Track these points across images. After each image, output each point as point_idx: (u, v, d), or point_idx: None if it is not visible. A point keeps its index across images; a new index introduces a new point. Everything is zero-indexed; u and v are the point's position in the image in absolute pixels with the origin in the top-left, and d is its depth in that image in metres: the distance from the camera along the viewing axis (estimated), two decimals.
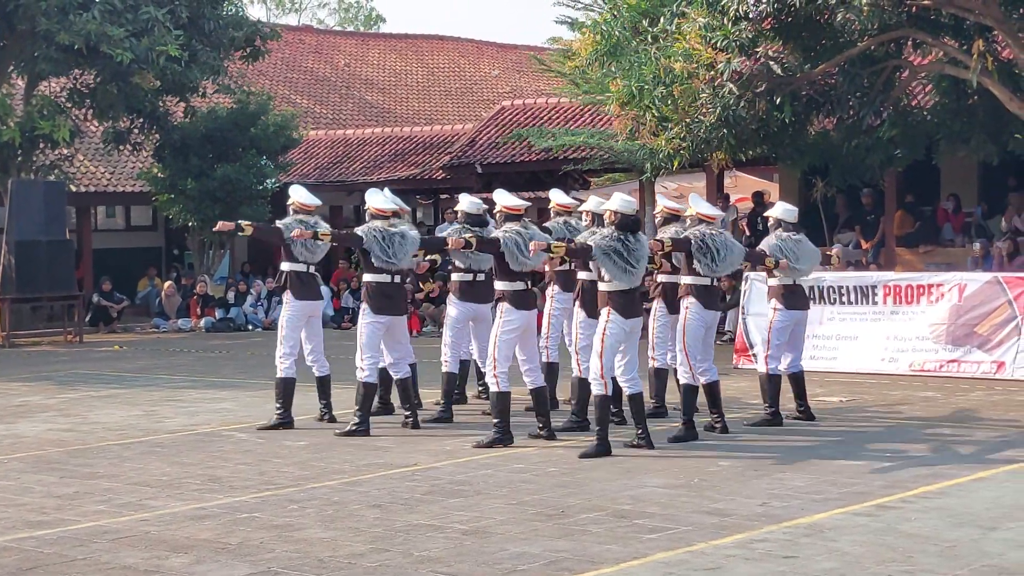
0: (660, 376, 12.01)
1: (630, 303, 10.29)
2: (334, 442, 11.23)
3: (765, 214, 12.52)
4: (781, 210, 12.06)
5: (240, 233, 12.34)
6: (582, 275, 11.27)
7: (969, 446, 10.52)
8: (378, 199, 11.78)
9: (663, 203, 12.07)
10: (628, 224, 10.29)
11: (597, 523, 7.91)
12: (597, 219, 11.51)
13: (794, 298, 11.78)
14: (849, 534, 7.52)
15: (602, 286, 10.34)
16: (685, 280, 11.08)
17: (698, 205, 11.30)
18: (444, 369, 12.21)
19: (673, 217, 11.81)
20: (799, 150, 17.96)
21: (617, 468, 9.70)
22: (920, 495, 8.59)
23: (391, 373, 11.97)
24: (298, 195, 12.34)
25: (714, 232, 11.03)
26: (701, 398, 11.25)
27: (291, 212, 12.30)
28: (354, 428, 11.43)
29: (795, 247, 11.67)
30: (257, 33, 26.22)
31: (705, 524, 7.83)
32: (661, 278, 11.56)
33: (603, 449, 10.11)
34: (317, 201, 12.48)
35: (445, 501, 8.66)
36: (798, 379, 11.90)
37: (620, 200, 10.42)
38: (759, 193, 23.26)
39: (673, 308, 11.42)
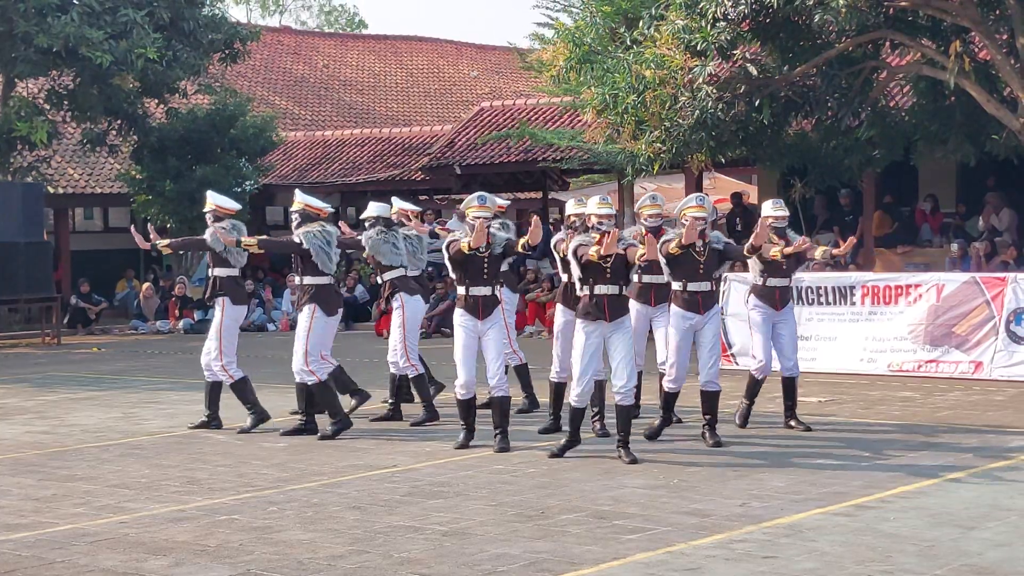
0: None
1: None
2: (313, 444, 11.21)
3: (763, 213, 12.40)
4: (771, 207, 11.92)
5: (158, 251, 12.28)
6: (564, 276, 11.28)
7: (948, 446, 10.55)
8: (310, 198, 11.75)
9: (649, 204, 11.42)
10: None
11: (577, 524, 7.91)
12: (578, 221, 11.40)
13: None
14: (828, 534, 7.54)
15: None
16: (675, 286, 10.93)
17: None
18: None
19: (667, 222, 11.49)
20: (778, 151, 18.00)
21: (596, 469, 9.70)
22: (899, 495, 8.62)
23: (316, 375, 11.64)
24: (217, 200, 12.25)
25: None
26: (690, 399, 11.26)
27: (210, 219, 12.05)
28: (302, 427, 11.56)
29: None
30: (237, 35, 26.17)
31: (685, 524, 7.84)
32: (646, 279, 11.43)
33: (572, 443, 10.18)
34: (236, 205, 12.45)
35: (425, 502, 8.66)
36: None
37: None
38: (738, 194, 23.32)
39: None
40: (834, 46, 16.31)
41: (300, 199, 11.81)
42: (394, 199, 13.44)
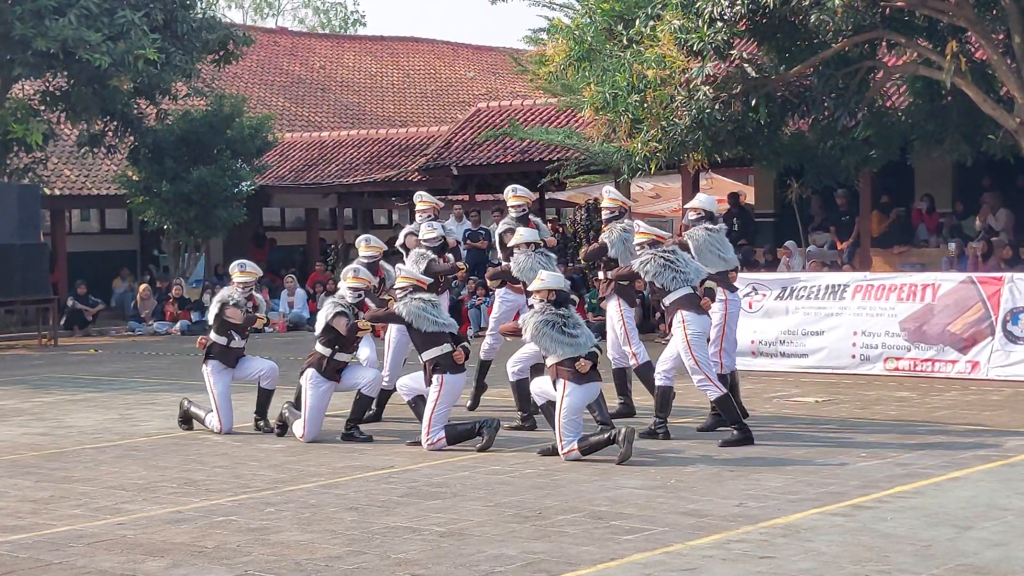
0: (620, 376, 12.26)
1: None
2: (310, 445, 11.21)
3: (686, 206, 12.44)
4: (706, 201, 11.92)
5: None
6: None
7: (944, 446, 10.56)
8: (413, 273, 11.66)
9: (644, 228, 11.39)
10: (562, 300, 10.40)
11: (574, 524, 7.92)
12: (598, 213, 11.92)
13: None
14: (825, 534, 7.55)
15: (550, 360, 10.30)
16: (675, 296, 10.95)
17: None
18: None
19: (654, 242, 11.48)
20: (774, 151, 18.00)
21: (593, 469, 9.71)
22: (896, 495, 8.63)
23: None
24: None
25: (664, 251, 10.98)
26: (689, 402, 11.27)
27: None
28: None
29: (722, 241, 11.59)
30: (230, 38, 26.15)
31: (682, 525, 7.84)
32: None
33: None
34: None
35: (422, 503, 8.66)
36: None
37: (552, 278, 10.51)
38: (735, 194, 23.33)
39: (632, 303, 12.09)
40: (830, 46, 16.31)
41: (406, 274, 11.42)
42: (422, 194, 13.51)
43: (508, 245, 12.25)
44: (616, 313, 12.07)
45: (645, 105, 16.42)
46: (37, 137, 23.53)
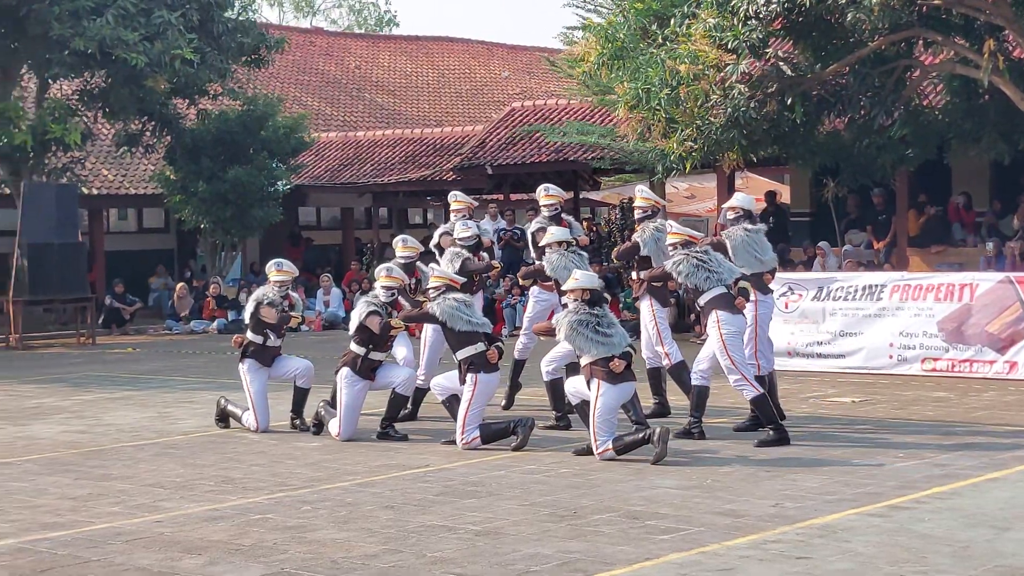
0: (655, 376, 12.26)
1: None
2: (346, 444, 11.25)
3: (725, 205, 12.40)
4: (744, 200, 11.85)
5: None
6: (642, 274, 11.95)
7: (982, 446, 10.50)
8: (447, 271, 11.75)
9: (677, 229, 11.36)
10: (596, 299, 10.39)
11: (610, 524, 7.92)
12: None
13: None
14: (862, 535, 7.52)
15: (584, 360, 10.29)
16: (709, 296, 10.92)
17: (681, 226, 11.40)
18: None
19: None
20: (810, 150, 17.94)
21: (629, 469, 9.70)
22: (933, 495, 8.59)
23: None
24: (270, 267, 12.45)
25: (695, 251, 10.97)
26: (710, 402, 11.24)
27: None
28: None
29: (760, 241, 11.53)
30: (263, 42, 26.26)
31: (718, 525, 7.83)
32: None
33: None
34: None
35: (458, 502, 8.68)
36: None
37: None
38: (772, 193, 23.26)
39: (666, 302, 12.11)
40: (867, 44, 16.24)
41: (439, 273, 11.47)
42: (457, 193, 13.58)
43: (540, 244, 12.28)
44: (648, 313, 12.06)
45: (678, 102, 16.38)
46: (75, 137, 23.69)
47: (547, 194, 12.84)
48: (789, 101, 16.23)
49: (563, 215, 12.82)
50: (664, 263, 11.27)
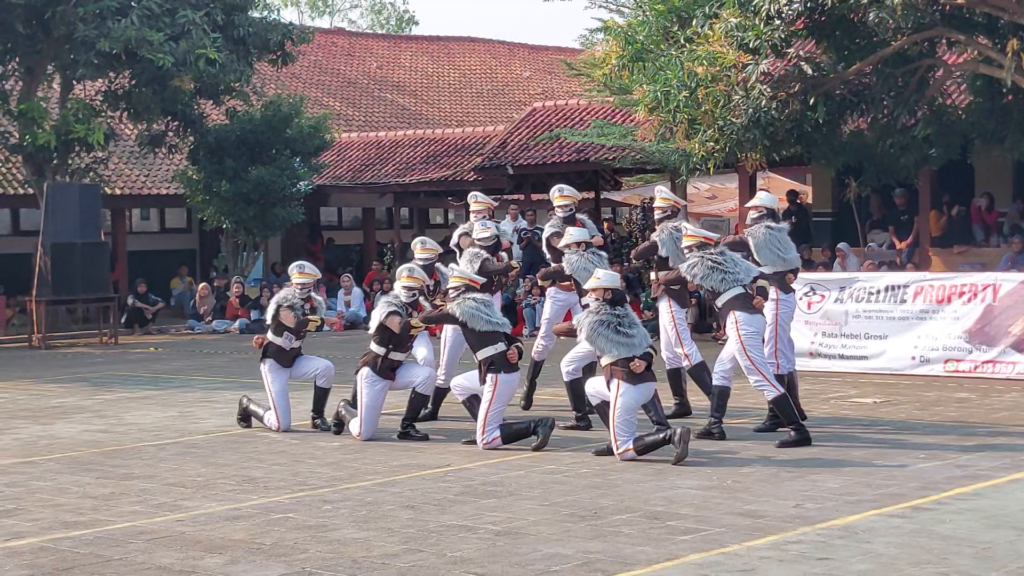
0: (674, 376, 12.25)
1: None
2: (366, 443, 11.27)
3: (747, 204, 12.34)
4: (767, 199, 11.79)
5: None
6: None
7: (1004, 447, 10.45)
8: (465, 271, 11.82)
9: (692, 231, 11.30)
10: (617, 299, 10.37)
11: (630, 524, 7.91)
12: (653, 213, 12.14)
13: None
14: (883, 536, 7.49)
15: (604, 360, 10.27)
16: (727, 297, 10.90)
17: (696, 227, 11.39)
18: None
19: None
20: (833, 150, 17.89)
21: (649, 469, 9.69)
22: (955, 496, 8.55)
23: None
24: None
25: (711, 253, 10.93)
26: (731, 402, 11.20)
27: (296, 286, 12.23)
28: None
29: (783, 240, 11.47)
30: (288, 36, 26.30)
31: (738, 525, 7.81)
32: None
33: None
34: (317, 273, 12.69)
35: (478, 502, 8.68)
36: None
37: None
38: (794, 192, 23.21)
39: (685, 303, 12.18)
40: (889, 44, 16.18)
41: (459, 274, 11.51)
42: (476, 194, 13.58)
43: (558, 247, 12.24)
44: (667, 314, 12.05)
45: (698, 103, 16.36)
46: (99, 137, 23.79)
47: (561, 195, 12.83)
48: (811, 101, 16.19)
49: (577, 215, 12.81)
50: (679, 266, 11.26)
